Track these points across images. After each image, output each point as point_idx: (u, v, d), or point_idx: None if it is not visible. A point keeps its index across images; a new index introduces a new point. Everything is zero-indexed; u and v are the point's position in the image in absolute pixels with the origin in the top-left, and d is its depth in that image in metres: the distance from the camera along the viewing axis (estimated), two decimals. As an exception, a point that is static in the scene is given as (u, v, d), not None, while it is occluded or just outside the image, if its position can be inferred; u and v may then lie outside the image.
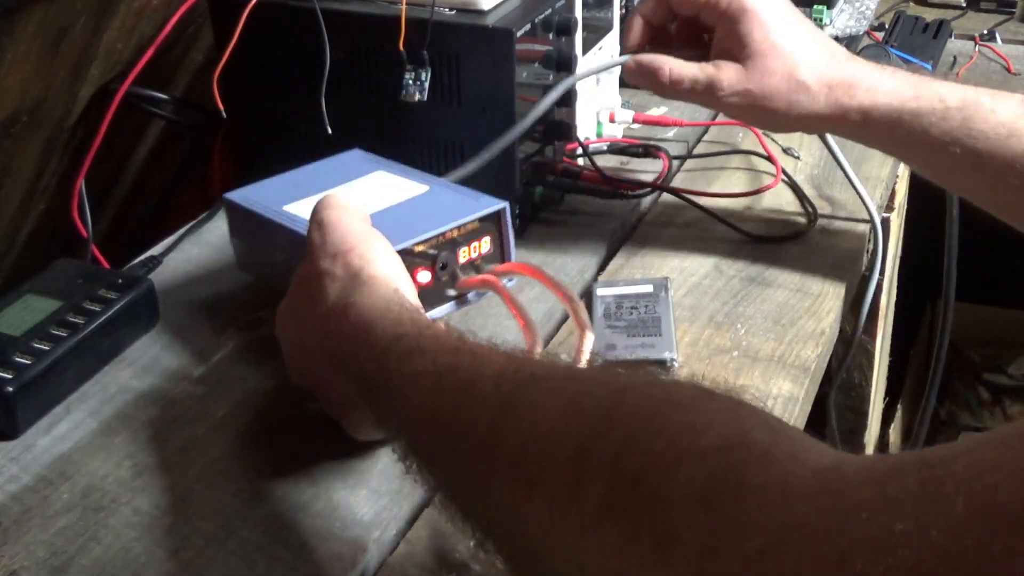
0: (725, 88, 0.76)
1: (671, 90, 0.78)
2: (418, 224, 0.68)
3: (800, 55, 0.75)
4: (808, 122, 0.77)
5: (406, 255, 0.65)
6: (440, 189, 0.75)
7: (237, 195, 0.80)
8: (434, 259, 0.68)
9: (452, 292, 0.70)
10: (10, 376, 0.67)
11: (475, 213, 0.69)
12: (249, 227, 0.80)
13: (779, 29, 0.75)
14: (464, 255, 0.70)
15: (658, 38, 0.83)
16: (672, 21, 0.83)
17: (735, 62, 0.76)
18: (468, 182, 0.86)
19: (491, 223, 0.70)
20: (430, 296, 0.68)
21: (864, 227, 0.91)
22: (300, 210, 0.73)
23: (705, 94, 0.77)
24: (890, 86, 0.75)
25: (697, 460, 0.35)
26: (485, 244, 0.70)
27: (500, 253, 0.72)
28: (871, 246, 0.91)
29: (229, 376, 0.73)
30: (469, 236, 0.69)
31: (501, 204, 0.70)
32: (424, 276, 0.68)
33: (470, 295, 0.71)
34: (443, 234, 0.68)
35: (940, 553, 0.27)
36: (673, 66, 0.77)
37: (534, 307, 0.80)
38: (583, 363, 0.61)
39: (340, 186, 0.77)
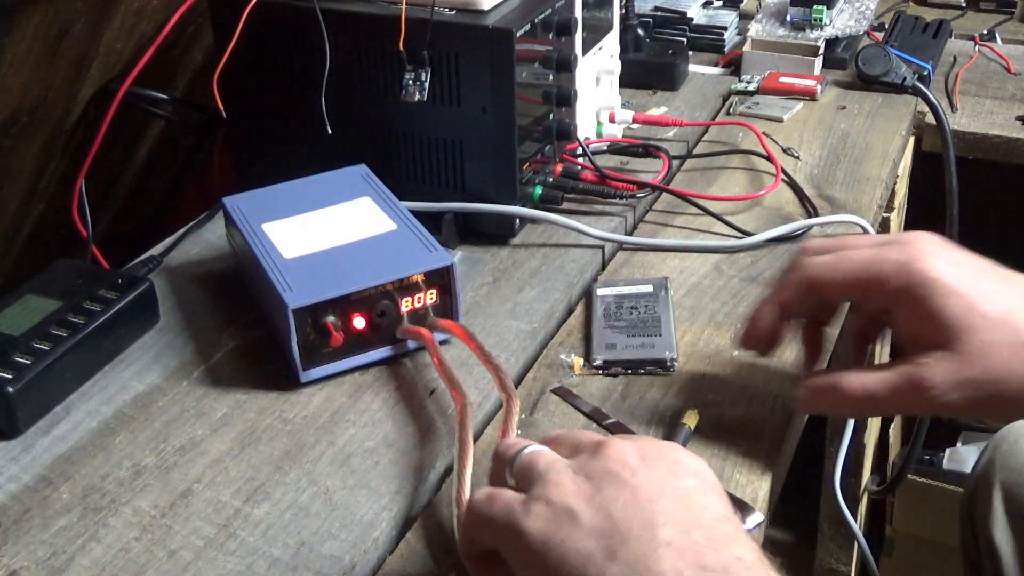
0: (939, 385, 0.57)
1: (860, 408, 0.66)
2: (362, 272, 0.71)
3: (1015, 313, 0.57)
4: None
5: (343, 301, 0.69)
6: (404, 232, 0.76)
7: (232, 202, 0.82)
8: (372, 306, 0.71)
9: (392, 336, 0.73)
10: (10, 376, 0.67)
11: (420, 268, 0.72)
12: (234, 237, 0.83)
13: (981, 291, 0.58)
14: (407, 304, 0.72)
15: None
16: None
17: (938, 349, 0.58)
18: (468, 184, 0.87)
19: (438, 276, 0.73)
20: (367, 340, 0.72)
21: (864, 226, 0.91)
22: (275, 232, 0.77)
23: (911, 399, 0.59)
24: None
25: None
26: (431, 295, 0.73)
27: (448, 305, 0.74)
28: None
29: (229, 376, 0.73)
30: (415, 287, 0.72)
31: (448, 261, 0.73)
32: (359, 322, 0.71)
33: (408, 342, 0.74)
34: (383, 285, 0.71)
35: None
36: (854, 380, 0.60)
37: (534, 307, 0.80)
38: (512, 430, 0.61)
39: (317, 210, 0.79)
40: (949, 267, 0.58)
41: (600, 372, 0.73)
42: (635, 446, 0.48)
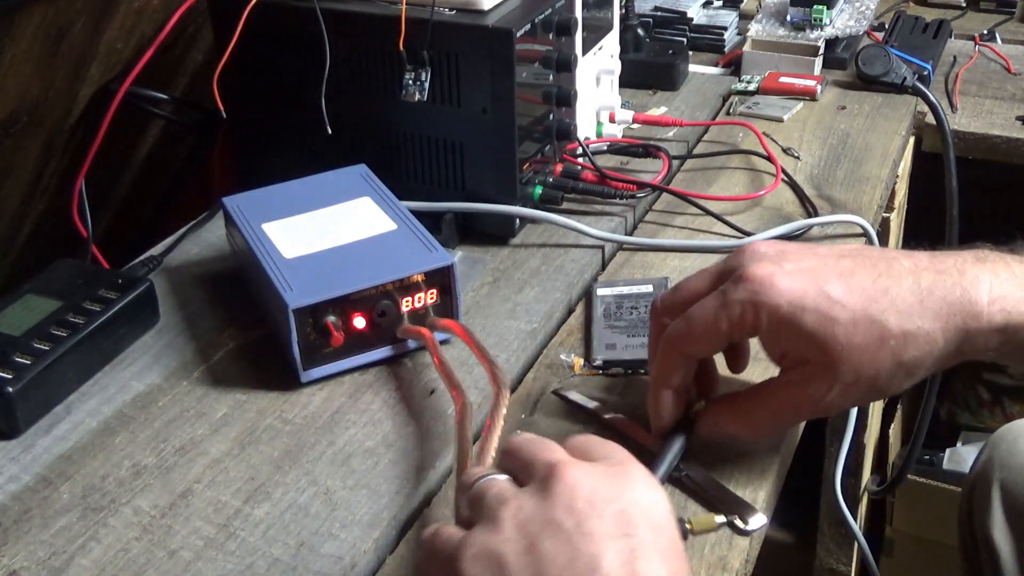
0: (820, 398, 0.59)
1: (784, 426, 0.65)
2: (362, 271, 0.71)
3: (880, 305, 0.57)
4: (935, 368, 0.59)
5: (344, 301, 0.69)
6: (404, 232, 0.76)
7: (232, 202, 0.82)
8: (372, 306, 0.71)
9: (393, 336, 0.73)
10: (10, 376, 0.67)
11: (420, 268, 0.72)
12: (234, 237, 0.83)
13: (829, 297, 0.57)
14: (408, 304, 0.72)
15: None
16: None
17: (808, 364, 0.59)
18: (468, 184, 0.86)
19: (438, 276, 0.72)
20: (367, 340, 0.72)
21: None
22: (275, 232, 0.77)
23: (813, 414, 0.62)
24: (1019, 289, 0.58)
25: None
26: (432, 295, 0.73)
27: (448, 304, 0.74)
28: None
29: (229, 376, 0.73)
30: (415, 287, 0.72)
31: (448, 261, 0.72)
32: (360, 322, 0.71)
33: (409, 341, 0.73)
34: (383, 285, 0.71)
35: None
36: (754, 411, 0.62)
37: (534, 307, 0.80)
38: (498, 423, 0.61)
39: (317, 210, 0.79)
40: (793, 282, 0.58)
41: (600, 372, 0.73)
42: (588, 480, 0.46)
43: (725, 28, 1.29)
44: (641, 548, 0.44)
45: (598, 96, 1.00)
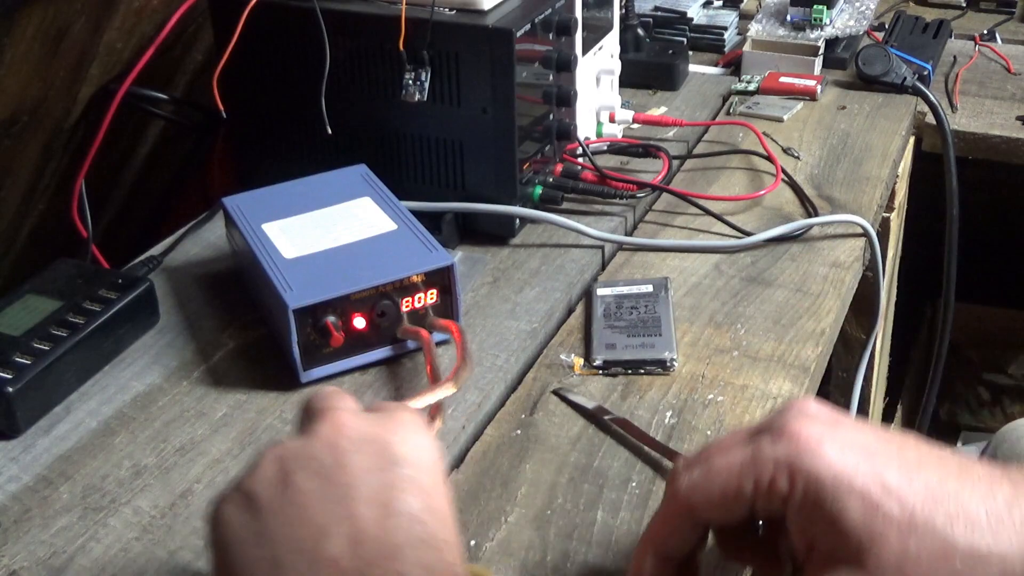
0: None
1: None
2: (362, 272, 0.71)
3: (945, 507, 0.45)
4: None
5: (344, 301, 0.69)
6: (404, 232, 0.76)
7: (232, 202, 0.82)
8: (372, 306, 0.71)
9: (393, 336, 0.73)
10: (10, 376, 0.67)
11: (420, 268, 0.72)
12: (234, 237, 0.83)
13: (886, 485, 0.45)
14: (408, 304, 0.72)
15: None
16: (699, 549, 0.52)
17: (843, 564, 0.45)
18: (468, 184, 0.87)
19: (438, 276, 0.73)
20: (367, 340, 0.72)
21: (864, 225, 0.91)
22: (275, 232, 0.77)
23: None
24: None
25: None
26: (432, 295, 0.73)
27: (448, 305, 0.74)
28: (868, 254, 0.91)
29: (229, 376, 0.73)
30: (415, 287, 0.72)
31: (448, 261, 0.72)
32: (360, 322, 0.71)
33: (408, 342, 0.74)
34: (383, 285, 0.71)
35: None
36: None
37: (534, 307, 0.80)
38: (447, 385, 0.63)
39: (317, 210, 0.79)
40: (843, 454, 0.46)
41: (600, 372, 0.73)
42: (355, 422, 0.45)
43: (725, 28, 1.29)
44: (399, 482, 0.43)
45: (598, 96, 1.00)
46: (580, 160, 0.94)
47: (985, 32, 1.40)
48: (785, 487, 0.46)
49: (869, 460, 0.46)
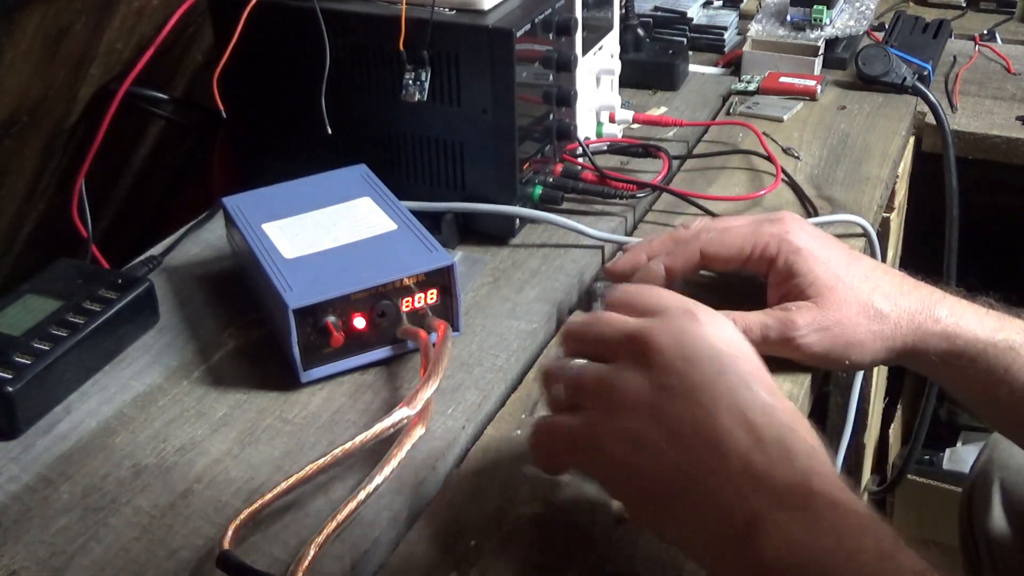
0: (801, 327, 0.69)
1: None
2: (362, 272, 0.71)
3: (871, 283, 0.70)
4: (891, 355, 0.71)
5: (344, 301, 0.70)
6: (404, 232, 0.76)
7: (232, 202, 0.82)
8: (372, 306, 0.71)
9: (393, 336, 0.73)
10: (10, 376, 0.67)
11: (420, 268, 0.72)
12: (234, 237, 0.83)
13: (840, 262, 0.71)
14: (408, 304, 0.72)
15: None
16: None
17: (803, 302, 0.70)
18: (468, 185, 0.87)
19: (438, 276, 0.73)
20: (367, 340, 0.72)
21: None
22: (275, 232, 0.77)
23: (779, 340, 0.70)
24: (973, 315, 0.70)
25: None
26: (432, 296, 0.73)
27: (448, 305, 0.74)
28: (868, 254, 0.90)
29: (229, 376, 0.73)
30: (414, 287, 0.72)
31: (448, 261, 0.72)
32: (360, 322, 0.71)
33: (408, 342, 0.74)
34: (383, 285, 0.71)
35: None
36: (736, 317, 0.69)
37: (534, 307, 0.80)
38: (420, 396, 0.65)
39: (317, 210, 0.79)
40: (812, 240, 0.71)
41: (600, 372, 0.73)
42: (670, 338, 0.52)
43: (725, 28, 1.29)
44: (741, 380, 0.51)
45: (598, 96, 1.00)
46: (580, 160, 0.94)
47: (985, 32, 1.40)
48: (773, 252, 0.71)
49: (827, 245, 0.72)
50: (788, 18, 1.22)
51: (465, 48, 0.82)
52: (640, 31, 1.19)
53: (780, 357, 0.70)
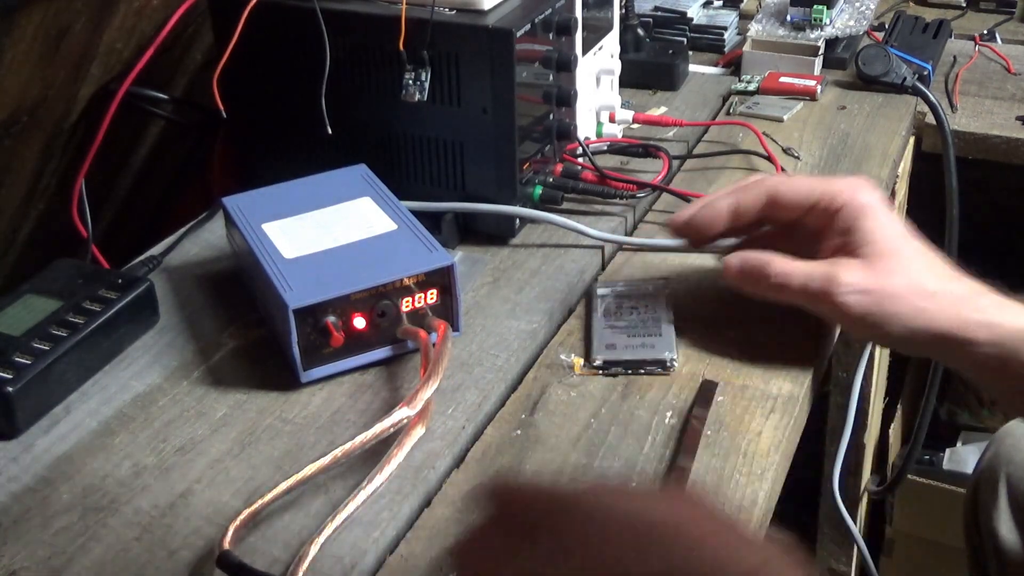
0: (844, 285, 0.66)
1: (776, 290, 0.70)
2: (362, 272, 0.71)
3: (925, 262, 0.68)
4: (928, 337, 0.67)
5: (344, 301, 0.70)
6: (404, 232, 0.76)
7: (232, 202, 0.82)
8: (372, 306, 0.71)
9: (393, 336, 0.73)
10: (10, 376, 0.67)
11: (420, 268, 0.72)
12: (234, 237, 0.83)
13: (900, 233, 0.69)
14: (408, 304, 0.72)
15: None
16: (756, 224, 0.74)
17: (856, 258, 0.68)
18: (468, 185, 0.87)
19: (438, 276, 0.73)
20: (367, 340, 0.72)
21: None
22: (275, 232, 0.77)
23: (819, 294, 0.67)
24: (1016, 309, 0.67)
25: None
26: (432, 295, 0.73)
27: (448, 305, 0.74)
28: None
29: (229, 376, 0.73)
30: (414, 287, 0.72)
31: (448, 261, 0.72)
32: (360, 322, 0.71)
33: (408, 342, 0.73)
34: (383, 285, 0.71)
35: None
36: (778, 265, 0.69)
37: (534, 307, 0.80)
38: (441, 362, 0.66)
39: (317, 210, 0.79)
40: (880, 205, 0.70)
41: (600, 372, 0.73)
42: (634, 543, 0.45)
43: (725, 28, 1.29)
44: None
45: (598, 96, 1.00)
46: (580, 160, 0.94)
47: (985, 32, 1.40)
48: (839, 204, 0.69)
49: (892, 219, 0.69)
50: (788, 18, 1.22)
51: (465, 48, 0.82)
52: (640, 31, 1.19)
53: (812, 315, 0.70)
